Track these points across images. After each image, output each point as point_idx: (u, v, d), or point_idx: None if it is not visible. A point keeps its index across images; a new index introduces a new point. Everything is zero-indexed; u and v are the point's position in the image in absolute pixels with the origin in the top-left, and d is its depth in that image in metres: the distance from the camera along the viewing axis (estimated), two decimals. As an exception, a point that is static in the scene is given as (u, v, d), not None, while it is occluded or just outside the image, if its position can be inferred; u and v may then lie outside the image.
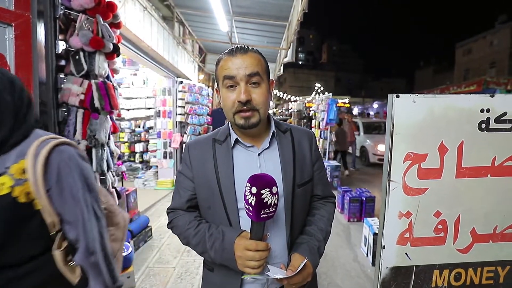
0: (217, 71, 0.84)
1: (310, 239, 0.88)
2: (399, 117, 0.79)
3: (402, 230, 0.84)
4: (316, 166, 0.96)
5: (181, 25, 5.70)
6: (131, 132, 6.11)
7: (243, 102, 0.78)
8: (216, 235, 0.81)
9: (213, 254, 0.81)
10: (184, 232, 0.86)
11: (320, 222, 0.93)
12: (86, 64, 1.75)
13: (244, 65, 0.78)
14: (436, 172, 0.82)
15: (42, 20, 1.60)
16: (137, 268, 2.56)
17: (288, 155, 0.88)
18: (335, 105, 5.87)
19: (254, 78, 0.79)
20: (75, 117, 1.72)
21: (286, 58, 5.08)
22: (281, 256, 0.86)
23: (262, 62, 0.84)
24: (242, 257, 0.75)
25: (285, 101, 24.54)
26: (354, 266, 2.80)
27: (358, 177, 6.85)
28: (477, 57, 26.77)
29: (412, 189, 0.82)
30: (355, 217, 3.90)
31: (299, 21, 3.62)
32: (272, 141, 0.90)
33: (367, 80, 54.33)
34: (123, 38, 3.36)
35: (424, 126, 0.80)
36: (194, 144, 0.92)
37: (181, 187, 0.91)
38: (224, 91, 0.82)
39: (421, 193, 0.83)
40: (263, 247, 0.75)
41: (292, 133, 0.94)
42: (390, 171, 0.81)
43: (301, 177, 0.89)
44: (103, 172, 1.85)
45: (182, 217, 0.89)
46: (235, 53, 0.80)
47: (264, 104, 0.81)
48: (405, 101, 0.78)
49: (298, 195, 0.87)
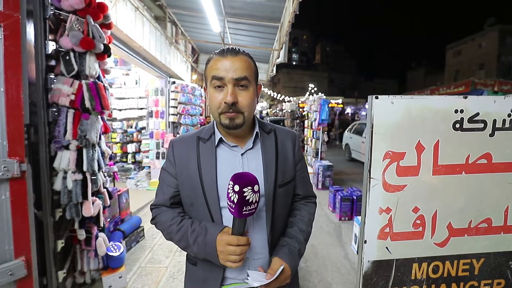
0: (206, 70, 0.86)
1: (290, 241, 0.92)
2: (378, 117, 0.83)
3: (382, 225, 0.88)
4: (298, 167, 0.99)
5: (174, 25, 5.69)
6: (123, 133, 6.06)
7: (229, 104, 0.79)
8: (199, 230, 0.83)
9: (196, 249, 0.83)
10: (168, 228, 0.88)
11: (301, 223, 0.97)
12: (77, 65, 1.75)
13: (233, 68, 0.79)
14: (413, 170, 0.86)
15: (32, 20, 1.59)
16: (129, 268, 2.56)
17: (270, 156, 0.91)
18: (327, 106, 5.94)
19: (242, 81, 0.81)
20: (65, 117, 1.72)
21: (278, 59, 5.13)
22: (261, 253, 0.89)
23: (252, 66, 0.85)
24: (224, 251, 0.78)
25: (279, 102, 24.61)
26: (344, 264, 2.85)
27: (349, 177, 6.94)
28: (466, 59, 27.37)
29: (392, 186, 0.86)
30: (346, 215, 3.96)
31: (290, 23, 3.66)
32: (255, 142, 0.92)
33: (360, 81, 54.88)
34: (115, 38, 3.35)
35: (402, 125, 0.84)
36: (179, 141, 0.94)
37: (164, 183, 0.94)
38: (211, 91, 0.83)
39: (400, 190, 0.87)
40: (244, 241, 0.78)
41: (276, 134, 0.96)
42: (370, 168, 0.85)
43: (283, 177, 0.91)
44: (94, 173, 1.85)
45: (166, 213, 0.91)
46: (225, 55, 0.81)
47: (249, 107, 0.83)
48: (384, 102, 0.82)
49: (279, 195, 0.90)
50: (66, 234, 1.92)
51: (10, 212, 1.31)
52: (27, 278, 1.42)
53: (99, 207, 1.95)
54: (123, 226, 2.91)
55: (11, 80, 1.33)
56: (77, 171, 1.77)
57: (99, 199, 2.00)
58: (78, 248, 2.04)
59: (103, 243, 2.01)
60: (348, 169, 7.92)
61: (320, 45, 58.71)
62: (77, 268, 2.06)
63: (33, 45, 1.61)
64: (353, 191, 4.12)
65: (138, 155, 5.96)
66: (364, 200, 0.87)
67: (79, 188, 1.76)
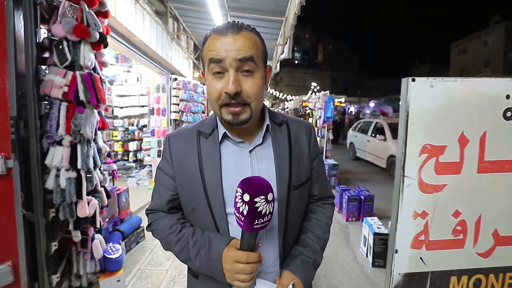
0: (203, 52, 0.71)
1: (304, 251, 0.79)
2: (414, 104, 0.69)
3: (416, 232, 0.75)
4: (315, 163, 0.85)
5: (175, 20, 5.56)
6: (125, 131, 5.96)
7: (231, 94, 0.65)
8: (202, 242, 0.71)
9: (198, 264, 0.71)
10: (166, 237, 0.76)
11: (316, 228, 0.83)
12: (70, 54, 1.63)
13: (235, 47, 0.64)
14: (455, 167, 0.73)
15: (21, 7, 1.48)
16: (128, 271, 2.44)
17: (283, 152, 0.77)
18: (332, 103, 5.79)
19: (247, 64, 0.66)
20: (58, 110, 1.60)
21: (282, 54, 4.99)
22: (273, 266, 0.77)
23: (259, 44, 0.70)
24: (231, 270, 0.66)
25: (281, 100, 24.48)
26: (353, 267, 2.72)
27: (355, 176, 6.79)
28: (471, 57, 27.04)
29: (429, 186, 0.73)
30: (353, 216, 3.82)
31: (296, 15, 3.52)
32: (266, 136, 0.78)
33: (362, 80, 54.52)
34: (114, 32, 3.23)
35: (442, 114, 0.71)
36: (176, 136, 0.81)
37: (161, 185, 0.80)
38: (209, 78, 0.69)
39: (439, 190, 0.73)
40: (254, 258, 0.65)
41: (289, 125, 0.82)
42: (404, 165, 0.72)
43: (298, 177, 0.78)
44: (90, 170, 1.73)
45: (163, 219, 0.78)
46: (225, 32, 0.66)
47: (257, 97, 0.68)
48: (422, 85, 0.69)
49: (293, 198, 0.77)
50: (60, 236, 1.81)
51: (-5, 213, 1.19)
52: (15, 284, 1.30)
53: (95, 207, 1.84)
54: (123, 227, 2.80)
55: (-4, 67, 1.21)
56: (71, 169, 1.65)
57: (95, 199, 1.89)
58: (73, 250, 1.92)
59: (99, 245, 1.89)
60: (353, 168, 7.77)
61: (323, 43, 58.41)
62: (73, 271, 1.94)
63: (23, 32, 1.49)
64: (360, 190, 3.98)
65: (140, 153, 5.86)
66: (396, 203, 0.74)
67: (73, 186, 1.64)
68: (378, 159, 7.16)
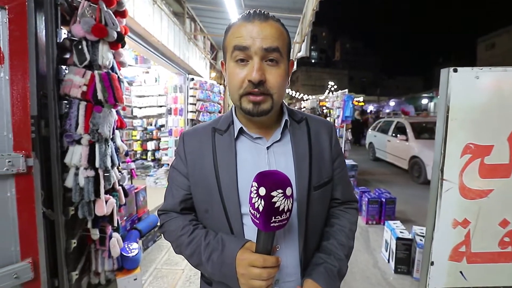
0: (226, 40, 0.69)
1: (328, 258, 0.72)
2: (456, 98, 0.61)
3: (456, 243, 0.66)
4: (336, 164, 0.80)
5: (193, 21, 5.62)
6: (143, 130, 6.11)
7: (254, 82, 0.62)
8: (214, 245, 0.66)
9: (210, 269, 0.66)
10: (177, 239, 0.72)
11: (340, 235, 0.77)
12: (89, 54, 1.64)
13: (262, 35, 0.63)
14: (504, 169, 0.63)
15: (42, 7, 1.51)
16: (144, 269, 2.46)
17: (303, 150, 0.73)
18: (351, 102, 5.62)
19: (273, 54, 0.64)
20: (77, 109, 1.62)
21: (300, 52, 4.90)
22: (293, 274, 0.71)
23: (285, 36, 0.68)
24: (246, 275, 0.60)
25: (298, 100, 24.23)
26: (374, 272, 2.59)
27: (374, 177, 6.56)
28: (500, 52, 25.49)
29: (472, 191, 0.64)
30: (373, 219, 3.67)
31: (314, 11, 3.43)
32: (284, 133, 0.74)
33: (381, 78, 52.93)
34: (132, 32, 3.29)
35: (489, 109, 0.62)
36: (191, 134, 0.78)
37: (174, 184, 0.77)
38: (232, 66, 0.66)
39: (483, 196, 0.64)
40: (272, 263, 0.59)
41: (308, 123, 0.78)
42: (443, 167, 0.63)
43: (318, 177, 0.73)
44: (107, 169, 1.75)
45: (175, 220, 0.75)
46: (252, 19, 0.64)
47: (280, 88, 0.66)
48: (465, 76, 0.60)
49: (314, 199, 0.72)
50: (80, 234, 1.84)
51: (16, 211, 1.21)
52: (34, 281, 1.31)
53: (112, 206, 1.85)
54: (140, 225, 2.83)
55: (17, 67, 1.23)
56: (89, 168, 1.67)
57: (113, 197, 1.90)
58: (92, 248, 1.95)
59: (116, 243, 1.91)
60: (373, 169, 7.53)
61: (340, 42, 57.31)
62: (92, 268, 1.97)
63: (44, 32, 1.52)
64: (381, 193, 3.82)
65: (158, 152, 5.97)
66: (433, 209, 0.65)
67: (91, 185, 1.66)
68: (400, 160, 6.87)
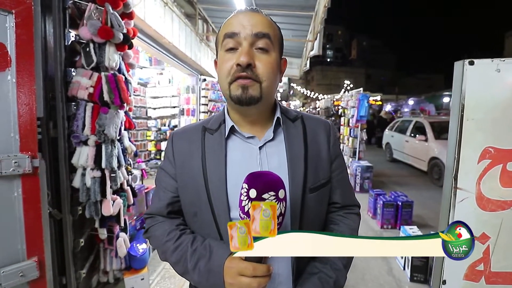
0: (219, 33, 0.68)
1: (323, 267, 0.66)
2: (473, 95, 0.53)
3: (473, 260, 0.58)
4: (334, 165, 0.74)
5: (205, 22, 5.64)
6: (157, 131, 6.23)
7: (242, 65, 0.60)
8: (201, 251, 0.62)
9: (197, 277, 0.62)
10: (162, 245, 0.68)
11: None
12: (96, 56, 1.66)
13: (252, 22, 0.63)
14: (530, 177, 0.55)
15: (50, 11, 1.53)
16: (152, 269, 2.48)
17: (297, 149, 0.68)
18: (366, 101, 5.44)
19: (262, 41, 0.63)
20: (84, 111, 1.64)
21: (312, 51, 4.79)
22: (285, 283, 0.66)
23: (275, 29, 0.67)
24: (234, 284, 0.55)
25: (312, 100, 23.92)
26: (388, 280, 2.47)
27: (390, 179, 6.32)
28: (532, 46, 23.93)
29: (492, 202, 0.56)
30: (389, 223, 3.51)
31: (326, 8, 3.33)
32: (277, 131, 0.70)
33: (400, 76, 51.26)
34: (144, 34, 3.32)
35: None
36: (180, 134, 0.74)
37: (161, 186, 0.74)
38: (221, 55, 0.64)
39: (506, 208, 0.56)
40: (262, 271, 0.54)
41: (304, 121, 0.73)
42: (456, 174, 0.55)
43: (314, 178, 0.68)
44: (113, 170, 1.76)
45: (161, 225, 0.71)
46: (243, 10, 0.66)
47: (269, 77, 0.63)
48: (484, 69, 0.52)
49: (310, 202, 0.67)
50: (88, 233, 1.86)
51: (22, 210, 1.23)
52: (40, 279, 1.33)
53: (119, 206, 1.86)
54: (150, 225, 2.85)
55: (24, 70, 1.25)
56: (96, 168, 1.68)
57: (120, 198, 1.92)
58: (101, 247, 1.98)
59: (123, 243, 1.92)
60: (389, 170, 7.27)
61: (356, 40, 56.08)
62: (100, 267, 2.00)
63: (52, 36, 1.54)
64: (397, 196, 3.66)
65: (171, 152, 6.05)
66: (445, 221, 0.58)
67: (97, 185, 1.68)
68: (418, 161, 6.58)
